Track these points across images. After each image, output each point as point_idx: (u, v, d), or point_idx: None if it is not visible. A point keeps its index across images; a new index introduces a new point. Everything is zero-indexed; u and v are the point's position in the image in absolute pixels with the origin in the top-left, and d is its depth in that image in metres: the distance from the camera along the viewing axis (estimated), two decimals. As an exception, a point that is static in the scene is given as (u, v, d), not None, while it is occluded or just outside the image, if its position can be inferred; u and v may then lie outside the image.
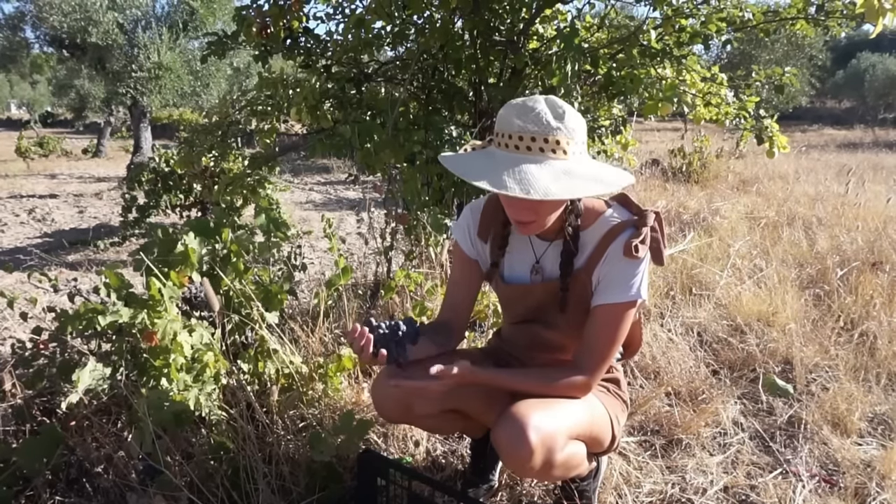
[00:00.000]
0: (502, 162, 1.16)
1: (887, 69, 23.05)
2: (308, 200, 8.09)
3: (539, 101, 1.18)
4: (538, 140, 1.15)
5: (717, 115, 3.05)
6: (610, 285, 1.29)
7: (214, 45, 3.07)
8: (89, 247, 5.34)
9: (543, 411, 1.24)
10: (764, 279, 3.10)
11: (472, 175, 1.17)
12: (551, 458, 1.23)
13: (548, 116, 1.15)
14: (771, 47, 16.17)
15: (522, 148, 1.16)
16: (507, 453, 1.23)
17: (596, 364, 1.31)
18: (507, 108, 1.20)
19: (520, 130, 1.16)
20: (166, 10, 9.26)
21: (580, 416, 1.33)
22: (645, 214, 1.31)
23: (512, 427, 1.21)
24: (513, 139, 1.17)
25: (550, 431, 1.22)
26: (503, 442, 1.22)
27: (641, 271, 1.28)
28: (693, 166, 7.69)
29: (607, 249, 1.29)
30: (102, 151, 14.19)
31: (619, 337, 1.32)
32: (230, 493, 1.52)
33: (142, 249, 1.81)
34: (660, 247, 1.31)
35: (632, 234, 1.28)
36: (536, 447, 1.19)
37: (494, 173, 1.15)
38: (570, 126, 1.16)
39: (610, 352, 1.32)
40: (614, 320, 1.30)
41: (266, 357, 1.93)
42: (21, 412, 1.82)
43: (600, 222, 1.33)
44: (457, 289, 1.52)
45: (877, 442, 1.95)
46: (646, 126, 17.58)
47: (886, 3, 2.02)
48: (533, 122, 1.15)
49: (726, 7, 2.78)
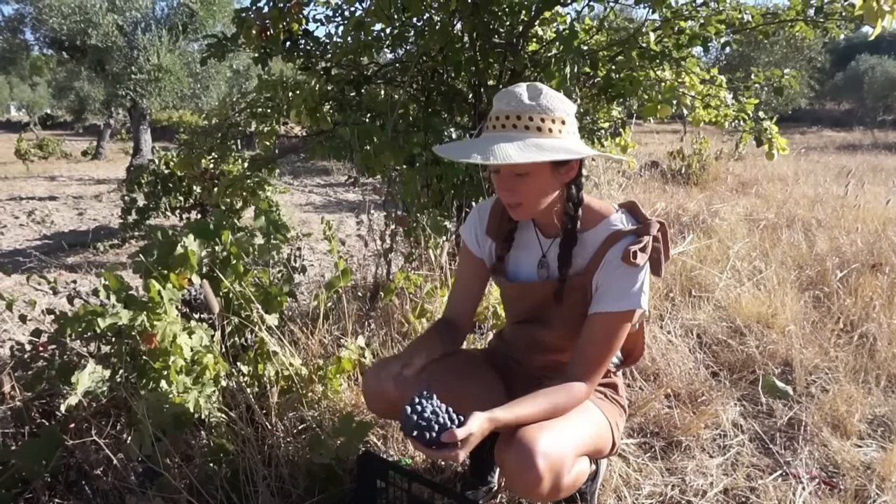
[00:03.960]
0: (481, 140, 1.25)
1: (886, 71, 23.08)
2: (308, 202, 8.10)
3: (521, 85, 1.26)
4: (511, 118, 1.22)
5: (717, 117, 3.05)
6: (607, 293, 1.28)
7: (214, 47, 3.07)
8: (89, 249, 5.34)
9: (550, 433, 1.21)
10: (763, 281, 3.10)
11: (450, 153, 1.30)
12: (559, 483, 1.21)
13: (523, 97, 1.23)
14: (770, 49, 16.19)
15: (499, 127, 1.24)
16: (514, 478, 1.20)
17: (590, 373, 1.30)
18: (495, 96, 1.28)
19: (497, 112, 1.25)
20: (166, 12, 9.28)
21: (586, 433, 1.32)
22: (649, 224, 1.30)
23: (519, 452, 1.17)
24: (494, 120, 1.25)
25: (559, 456, 1.20)
26: (511, 466, 1.19)
27: (640, 280, 1.27)
28: (692, 168, 7.70)
29: (607, 254, 1.29)
30: (102, 153, 14.20)
31: (613, 347, 1.31)
32: (230, 495, 1.52)
33: (141, 251, 1.81)
34: (660, 258, 1.30)
35: (632, 241, 1.27)
36: (545, 473, 1.17)
37: (466, 149, 1.26)
38: (544, 104, 1.22)
39: (603, 361, 1.31)
40: (609, 329, 1.29)
41: (266, 359, 1.93)
42: (20, 414, 1.82)
43: (603, 226, 1.33)
44: (463, 286, 1.53)
45: (877, 444, 1.95)
46: (645, 128, 17.60)
47: (885, 4, 2.03)
48: (508, 103, 1.23)
49: (725, 9, 2.78)
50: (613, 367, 1.53)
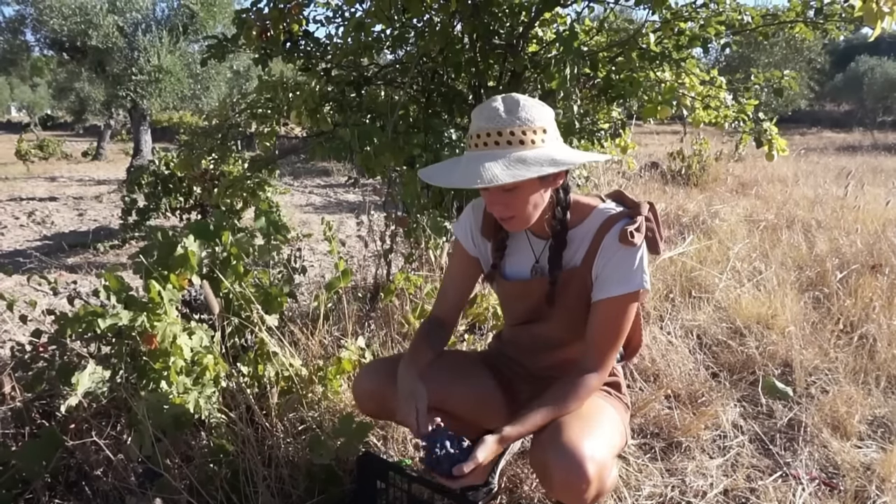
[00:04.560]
0: (464, 161, 1.24)
1: (886, 72, 23.06)
2: (308, 203, 8.10)
3: (496, 99, 1.24)
4: (493, 135, 1.21)
5: (716, 118, 3.06)
6: (609, 278, 1.29)
7: (214, 48, 3.07)
8: (89, 249, 5.34)
9: (592, 438, 1.22)
10: (763, 282, 3.11)
11: (435, 178, 1.29)
12: (603, 486, 1.23)
13: (500, 112, 1.22)
14: (770, 50, 16.18)
15: (481, 145, 1.22)
16: (562, 485, 1.20)
17: (602, 360, 1.32)
18: (473, 113, 1.27)
19: (478, 129, 1.23)
20: (166, 13, 9.27)
21: (615, 435, 1.34)
22: (639, 205, 1.32)
23: (568, 460, 1.17)
24: (475, 138, 1.23)
25: (603, 460, 1.21)
26: (559, 475, 1.19)
27: (639, 260, 1.28)
28: (692, 169, 7.69)
29: (603, 241, 1.30)
30: (102, 154, 14.20)
31: (622, 331, 1.32)
32: (230, 496, 1.52)
33: (141, 252, 1.81)
34: (655, 236, 1.32)
35: (626, 222, 1.29)
36: (594, 479, 1.17)
37: (451, 171, 1.26)
38: (523, 117, 1.21)
39: (614, 346, 1.33)
40: (616, 314, 1.30)
41: (266, 360, 1.93)
42: (20, 415, 1.82)
43: (594, 217, 1.34)
44: (453, 285, 1.53)
45: (876, 445, 1.95)
46: (645, 129, 17.59)
47: (885, 6, 2.03)
48: (487, 120, 1.22)
49: (725, 10, 2.78)
50: (615, 363, 1.53)
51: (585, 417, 1.29)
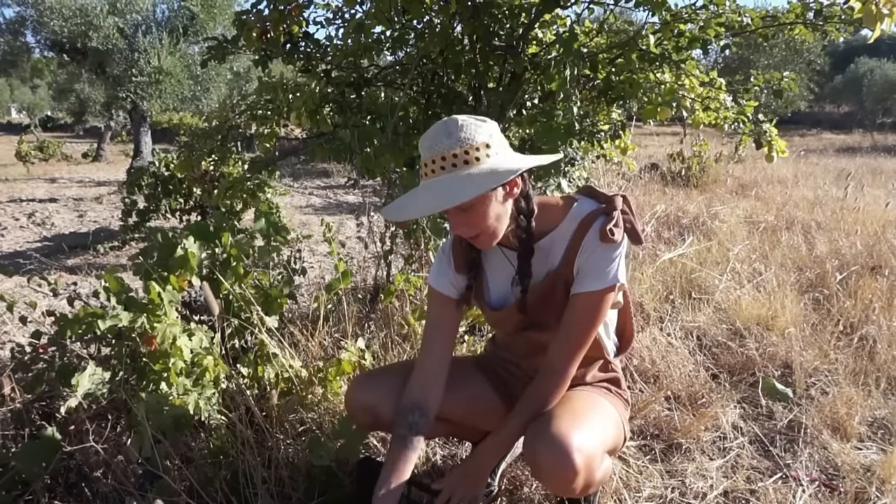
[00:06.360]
0: (420, 191, 1.26)
1: (885, 74, 23.06)
2: (308, 204, 8.10)
3: (437, 125, 1.26)
4: (437, 161, 1.23)
5: (716, 120, 3.05)
6: (588, 274, 1.31)
7: (214, 49, 3.07)
8: (89, 251, 5.34)
9: (581, 429, 1.26)
10: (763, 283, 3.11)
11: (391, 214, 1.31)
12: (591, 478, 1.25)
13: (442, 137, 1.23)
14: (769, 52, 16.18)
15: (430, 173, 1.24)
16: (550, 475, 1.23)
17: (570, 354, 1.34)
18: (419, 143, 1.28)
19: (426, 158, 1.25)
20: (167, 14, 9.27)
21: (610, 430, 1.37)
22: (612, 199, 1.34)
23: (555, 449, 1.21)
24: (425, 168, 1.26)
25: (592, 452, 1.24)
26: (547, 464, 1.22)
27: (618, 256, 1.31)
28: (692, 170, 7.70)
29: (583, 241, 1.32)
30: (102, 155, 14.20)
31: (595, 324, 1.34)
32: (229, 497, 1.52)
33: (141, 253, 1.82)
34: (634, 227, 1.34)
35: (604, 220, 1.30)
36: (581, 469, 1.20)
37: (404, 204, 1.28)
38: (463, 137, 1.22)
39: (584, 340, 1.34)
40: (591, 308, 1.33)
41: (265, 361, 1.93)
42: (20, 416, 1.81)
43: (570, 218, 1.35)
44: (438, 335, 1.46)
45: (876, 446, 1.95)
46: (645, 130, 17.60)
47: (884, 7, 2.03)
48: (430, 148, 1.24)
49: (725, 12, 2.78)
50: (612, 357, 1.54)
51: (577, 411, 1.32)
